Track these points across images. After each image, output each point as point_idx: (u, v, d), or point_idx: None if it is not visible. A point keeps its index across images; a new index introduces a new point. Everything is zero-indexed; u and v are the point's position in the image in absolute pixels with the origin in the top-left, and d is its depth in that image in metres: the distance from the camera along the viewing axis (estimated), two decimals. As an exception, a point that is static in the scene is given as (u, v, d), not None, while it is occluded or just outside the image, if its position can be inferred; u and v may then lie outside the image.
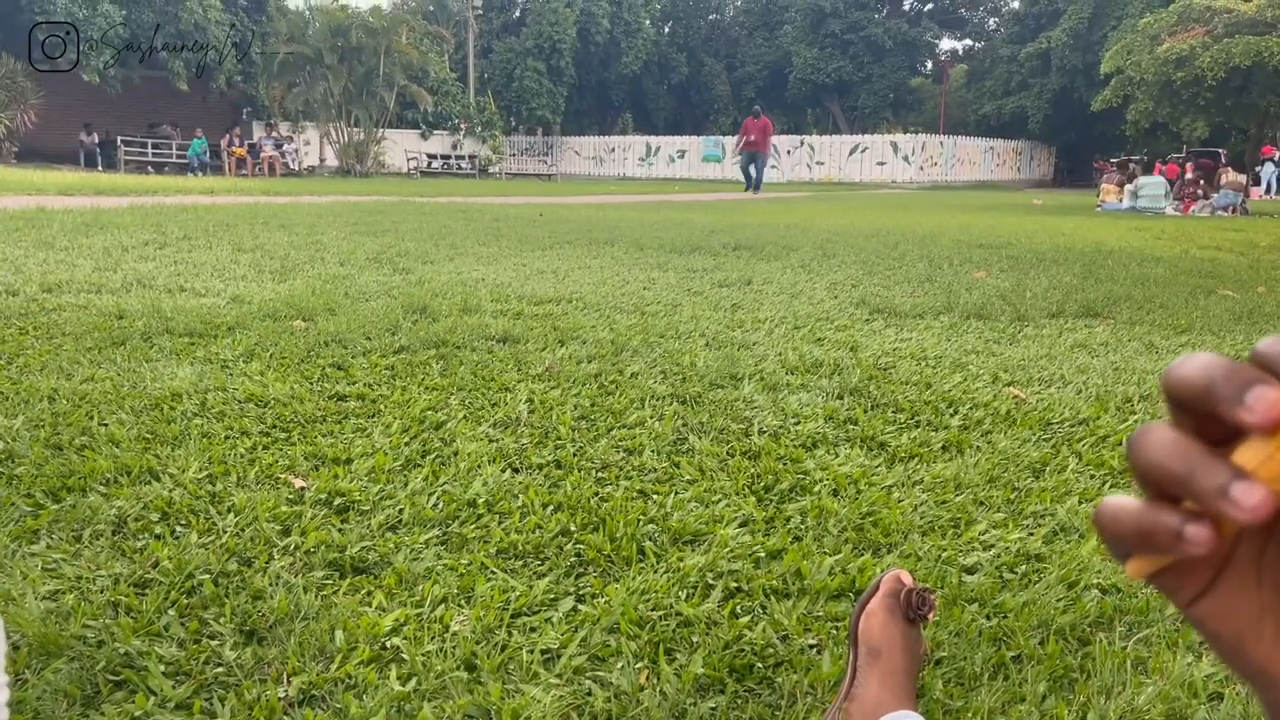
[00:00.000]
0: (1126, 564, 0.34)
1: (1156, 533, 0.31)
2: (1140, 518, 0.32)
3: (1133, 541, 0.32)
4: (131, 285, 4.04)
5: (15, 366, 2.62)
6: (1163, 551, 0.32)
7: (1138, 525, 0.32)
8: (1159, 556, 0.33)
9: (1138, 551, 0.33)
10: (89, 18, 24.49)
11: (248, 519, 1.66)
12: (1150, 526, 0.31)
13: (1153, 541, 0.31)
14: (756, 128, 19.15)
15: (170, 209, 8.67)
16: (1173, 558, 0.33)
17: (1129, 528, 0.32)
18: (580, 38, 42.46)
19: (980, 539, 1.70)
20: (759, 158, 19.77)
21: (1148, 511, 0.32)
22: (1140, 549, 0.33)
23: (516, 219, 9.12)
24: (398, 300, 3.79)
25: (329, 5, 28.27)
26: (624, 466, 2.01)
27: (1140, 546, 0.32)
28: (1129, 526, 0.32)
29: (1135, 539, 0.32)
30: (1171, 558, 0.33)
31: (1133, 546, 0.33)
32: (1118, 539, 0.33)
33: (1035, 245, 7.56)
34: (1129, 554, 0.34)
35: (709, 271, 5.23)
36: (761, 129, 19.13)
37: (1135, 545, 0.33)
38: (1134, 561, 0.34)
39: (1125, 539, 0.33)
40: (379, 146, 29.58)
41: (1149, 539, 0.31)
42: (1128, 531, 0.32)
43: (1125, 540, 0.33)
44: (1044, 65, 38.55)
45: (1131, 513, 0.32)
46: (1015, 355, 3.22)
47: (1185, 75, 19.54)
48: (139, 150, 26.37)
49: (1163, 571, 0.34)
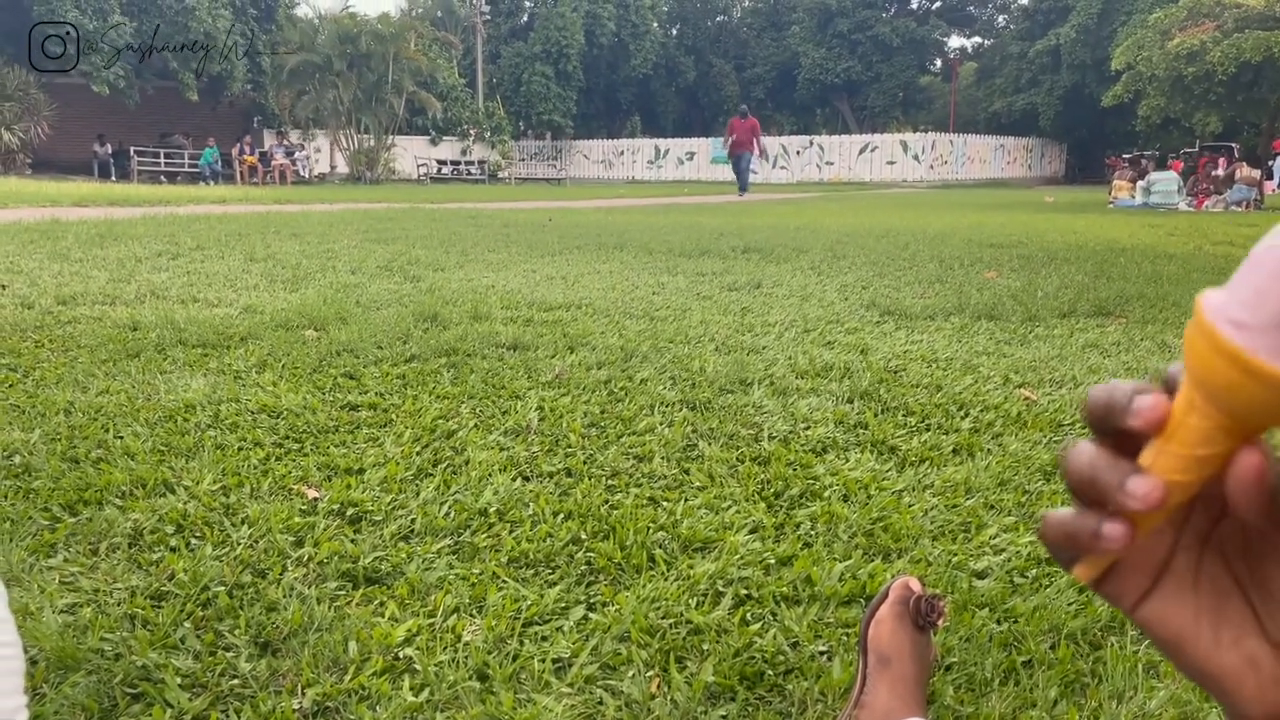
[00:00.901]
0: (1076, 570, 0.38)
1: (1080, 534, 0.35)
2: (1067, 523, 0.36)
3: (1065, 545, 0.36)
4: (145, 296, 4.08)
5: (31, 380, 2.65)
6: (1087, 550, 0.35)
7: (1065, 530, 0.36)
8: (1094, 559, 0.37)
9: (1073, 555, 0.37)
10: (100, 29, 24.67)
11: (261, 530, 1.68)
12: (1075, 529, 0.35)
13: (1079, 542, 0.35)
14: (743, 128, 18.51)
15: (183, 219, 8.73)
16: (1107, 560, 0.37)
17: (1060, 533, 0.36)
18: (588, 41, 42.54)
19: (991, 543, 1.70)
20: (744, 158, 19.00)
21: (1074, 518, 0.36)
22: (1073, 551, 0.36)
23: (526, 224, 9.14)
24: (408, 308, 3.81)
25: (338, 13, 28.40)
26: (634, 473, 2.02)
27: (1071, 548, 0.36)
28: (1060, 532, 0.36)
29: (1066, 542, 0.36)
30: (1107, 560, 0.37)
31: (1067, 550, 0.37)
32: (1056, 545, 0.37)
33: (1046, 244, 7.54)
34: (1071, 560, 0.37)
35: (718, 275, 5.23)
36: (749, 129, 18.49)
37: (1068, 548, 0.36)
38: (1079, 566, 0.37)
39: (1060, 544, 0.36)
40: (389, 153, 29.72)
41: (1076, 540, 0.35)
42: (1059, 537, 0.36)
43: (1060, 545, 0.37)
44: (1054, 62, 38.39)
45: (1061, 520, 0.36)
46: (1026, 356, 3.21)
47: (1196, 70, 19.46)
48: (152, 160, 26.55)
49: (1107, 578, 0.38)
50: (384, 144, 29.32)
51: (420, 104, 30.43)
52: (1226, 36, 19.16)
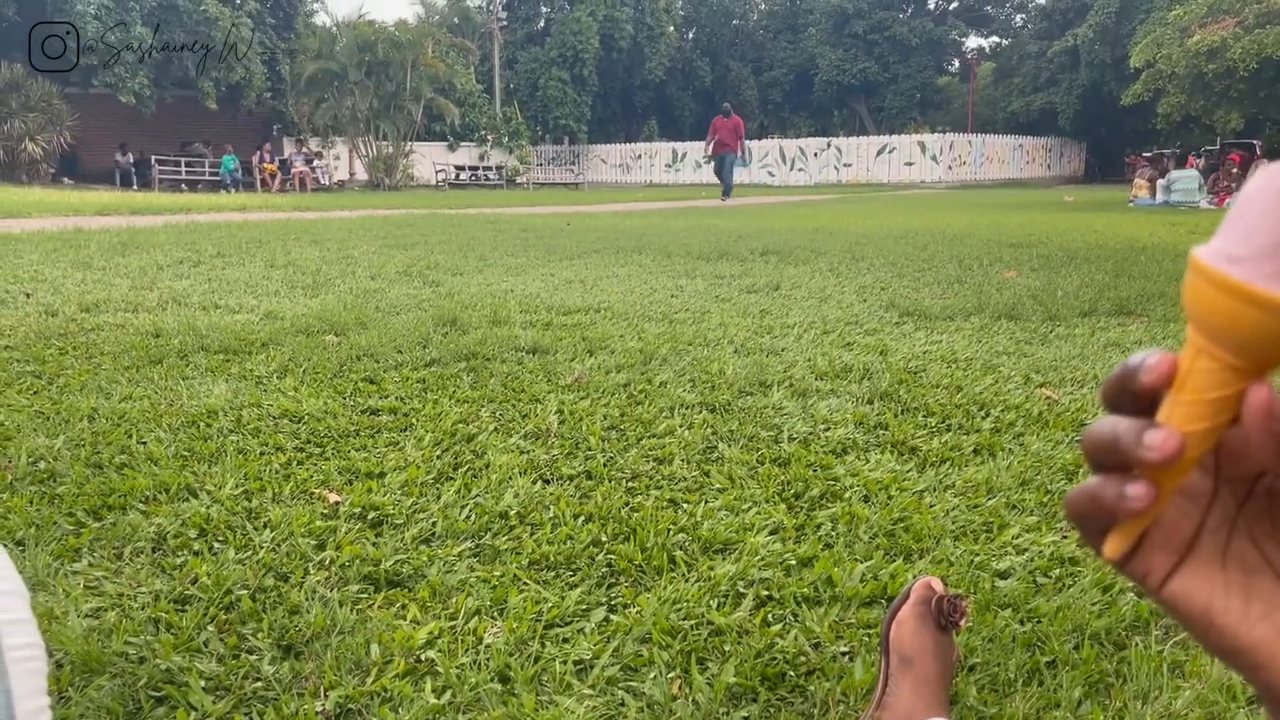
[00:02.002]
0: (1104, 548, 0.38)
1: (1104, 496, 0.36)
2: (1092, 488, 0.36)
3: (1091, 512, 0.37)
4: (167, 303, 4.11)
5: (56, 386, 2.67)
6: (1111, 512, 0.36)
7: (1090, 494, 0.36)
8: (1122, 529, 0.37)
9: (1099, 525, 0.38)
10: (122, 39, 24.91)
11: (284, 534, 1.69)
12: (1099, 493, 0.36)
13: (1103, 504, 0.36)
14: (727, 127, 17.79)
15: (204, 226, 8.80)
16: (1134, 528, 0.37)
17: (1085, 499, 0.37)
18: (604, 46, 42.60)
19: (1013, 543, 1.69)
20: (729, 159, 18.28)
21: (1098, 483, 0.36)
22: (1097, 519, 0.37)
23: (544, 229, 9.16)
24: (428, 313, 3.83)
25: (356, 20, 28.56)
26: (654, 476, 2.02)
27: (1097, 513, 0.37)
28: (1085, 498, 0.37)
29: (1092, 508, 0.37)
30: (1134, 529, 0.37)
31: (1093, 519, 0.37)
32: (1081, 515, 0.38)
33: (1066, 243, 7.49)
34: (1100, 534, 0.38)
35: (737, 278, 5.22)
36: (732, 129, 17.78)
37: (1094, 515, 0.37)
38: (1109, 540, 0.38)
39: (1086, 512, 0.37)
40: (407, 159, 29.84)
41: (1100, 503, 0.36)
42: (1085, 503, 0.37)
43: (1086, 515, 0.37)
44: (1072, 60, 38.13)
45: (1086, 487, 0.37)
46: (1047, 356, 3.19)
47: (1217, 67, 19.29)
48: (173, 169, 26.77)
49: (1134, 556, 0.38)
50: (402, 150, 29.45)
51: (438, 110, 30.55)
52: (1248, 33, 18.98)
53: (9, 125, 22.66)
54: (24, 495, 1.84)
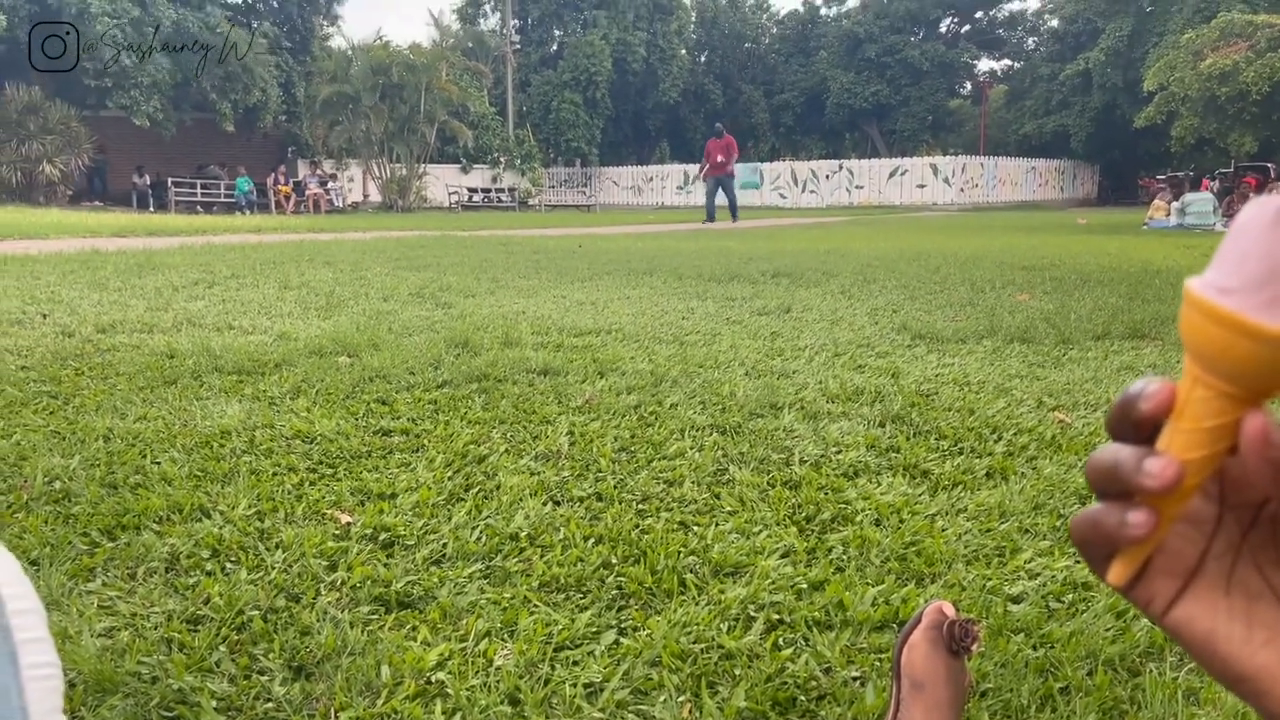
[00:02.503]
0: (1109, 573, 0.39)
1: (1106, 523, 0.36)
2: (1094, 514, 0.37)
3: (1094, 538, 0.38)
4: (182, 324, 4.14)
5: (71, 406, 2.69)
6: (1114, 538, 0.37)
7: (1092, 521, 0.37)
8: (1126, 555, 0.38)
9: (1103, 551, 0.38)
10: (139, 65, 25.25)
11: (295, 555, 1.69)
12: (1101, 519, 0.37)
13: (1105, 531, 0.37)
14: (720, 148, 17.36)
15: (219, 248, 8.87)
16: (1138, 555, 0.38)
17: (1088, 526, 0.38)
18: (616, 69, 42.90)
19: (1026, 568, 1.68)
20: (726, 181, 17.82)
21: (1100, 509, 0.37)
22: (1101, 545, 0.38)
23: (556, 251, 9.20)
24: (440, 334, 3.84)
25: (371, 44, 28.84)
26: (664, 498, 2.02)
27: (1099, 540, 0.37)
28: (1087, 524, 0.38)
29: (1095, 534, 0.37)
30: (1138, 555, 0.38)
31: (1097, 545, 0.38)
32: (1085, 541, 0.38)
33: (1080, 266, 7.47)
34: (1105, 560, 0.39)
35: (748, 300, 5.23)
36: (725, 149, 17.34)
37: (1096, 541, 0.38)
38: (1113, 567, 0.38)
39: (1089, 538, 0.38)
40: (420, 181, 30.06)
41: (1102, 530, 0.37)
42: (1088, 529, 0.38)
43: (1089, 541, 0.38)
44: (1085, 83, 38.19)
45: (1088, 513, 0.38)
46: (1060, 379, 3.18)
47: (1230, 90, 19.28)
48: (189, 191, 27.03)
49: (1139, 582, 0.39)
50: (416, 173, 29.66)
51: (451, 133, 30.80)
52: (1260, 56, 18.98)
53: (27, 147, 22.93)
54: (39, 515, 1.85)
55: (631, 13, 43.72)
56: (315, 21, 32.68)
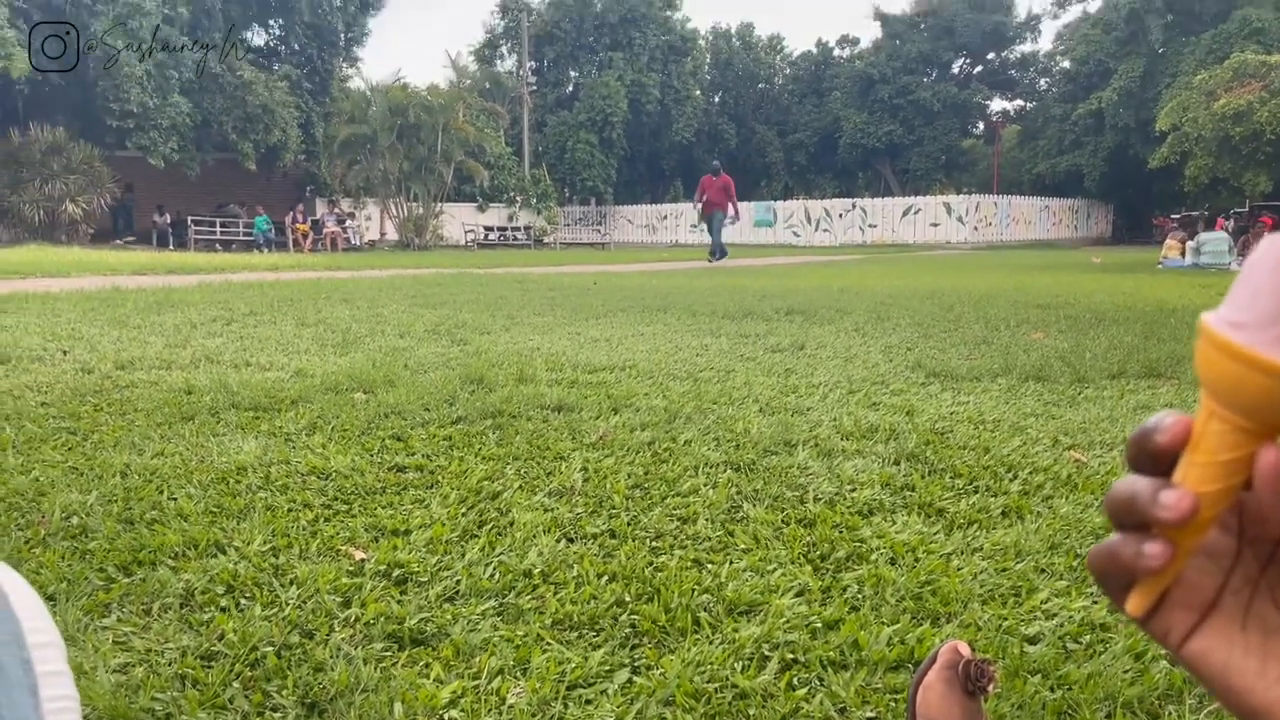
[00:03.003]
0: (1126, 604, 0.39)
1: (1123, 554, 0.37)
2: (1111, 545, 0.38)
3: (1111, 569, 0.38)
4: (200, 361, 4.17)
5: (90, 443, 2.71)
6: (1130, 569, 0.37)
7: (1110, 551, 0.38)
8: (1143, 587, 0.38)
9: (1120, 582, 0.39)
10: (159, 107, 25.70)
11: (309, 591, 1.69)
12: (1118, 550, 0.37)
13: (1122, 562, 0.37)
14: (715, 186, 17.06)
15: (237, 286, 8.95)
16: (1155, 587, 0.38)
17: (1105, 557, 0.38)
18: (631, 109, 43.35)
19: (1043, 608, 1.67)
20: (717, 218, 17.37)
21: (1117, 541, 0.38)
22: (1118, 576, 0.38)
23: (571, 288, 9.24)
24: (455, 371, 3.86)
25: (389, 85, 29.24)
26: (678, 535, 2.02)
27: (1116, 571, 0.38)
28: (1105, 555, 0.38)
29: (1112, 565, 0.38)
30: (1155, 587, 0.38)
31: (1114, 576, 0.39)
32: (1102, 572, 0.39)
33: (1094, 304, 7.46)
34: (1122, 591, 0.39)
35: (762, 337, 5.24)
36: (721, 188, 17.03)
37: (1113, 572, 0.38)
38: (1131, 598, 0.39)
39: (1106, 569, 0.38)
40: (437, 220, 30.30)
41: (1119, 561, 0.37)
42: (1105, 560, 0.38)
43: (1106, 572, 0.39)
44: (1097, 123, 38.33)
45: (1106, 544, 0.38)
46: (1075, 418, 3.17)
47: (1244, 131, 19.32)
48: (208, 229, 27.35)
49: (1156, 614, 0.39)
50: (432, 211, 29.92)
51: (468, 172, 31.09)
52: (1274, 96, 19.03)
53: (50, 187, 23.26)
54: (56, 550, 1.86)
55: (646, 55, 44.28)
56: (335, 64, 33.18)
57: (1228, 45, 30.92)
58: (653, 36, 44.55)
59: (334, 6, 32.59)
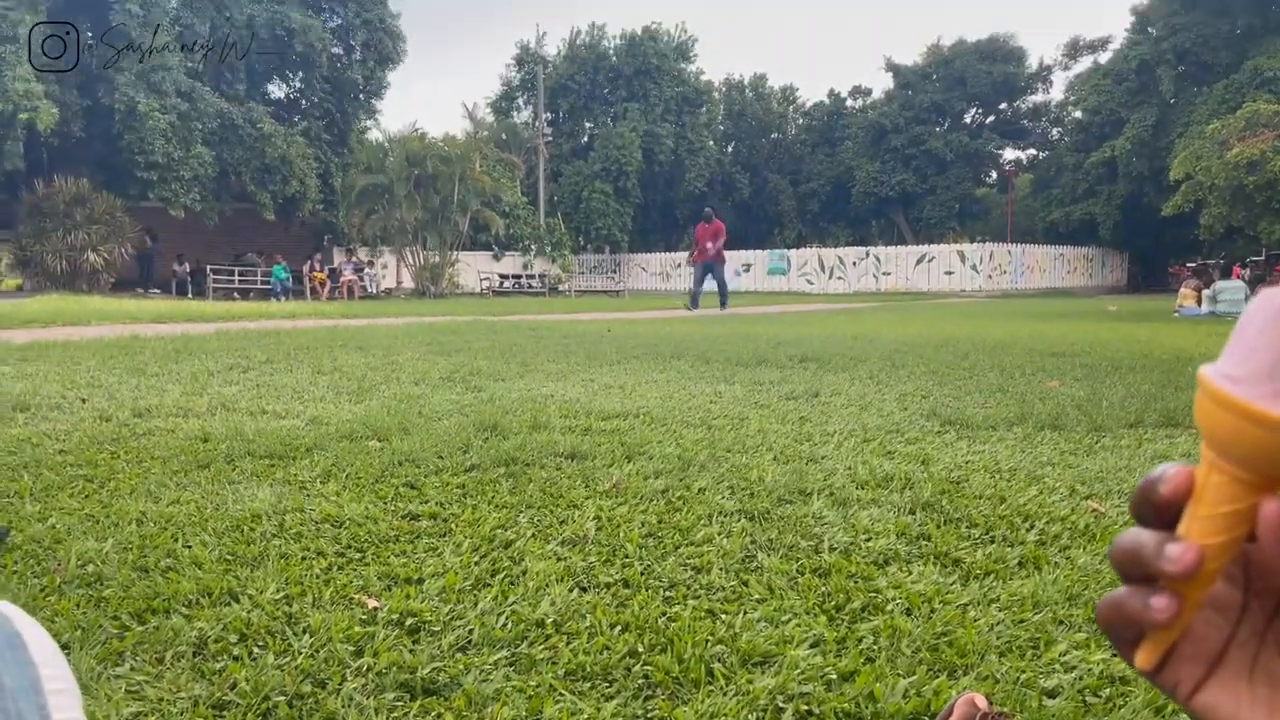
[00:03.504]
0: (1135, 658, 0.40)
1: (1130, 607, 0.37)
2: (1119, 598, 0.38)
3: (1119, 622, 0.39)
4: (216, 409, 4.20)
5: (106, 490, 2.73)
6: (1137, 623, 0.38)
7: (1117, 605, 0.38)
8: (1152, 640, 0.39)
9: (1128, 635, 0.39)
10: (183, 158, 26.18)
11: (322, 640, 1.69)
12: (1125, 603, 0.38)
13: (1129, 615, 0.38)
14: (709, 234, 16.83)
15: (254, 334, 9.03)
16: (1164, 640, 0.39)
17: (1112, 610, 0.39)
18: (646, 159, 43.83)
19: (1061, 660, 1.65)
20: (716, 269, 17.12)
21: (1124, 594, 0.38)
22: (1125, 628, 0.39)
23: (585, 335, 9.28)
24: (469, 418, 3.87)
25: (407, 135, 29.68)
26: (692, 585, 2.00)
27: (1124, 624, 0.38)
28: (1112, 609, 0.39)
29: (1119, 619, 0.38)
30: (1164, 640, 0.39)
31: (1121, 629, 0.39)
32: (1110, 625, 0.39)
33: (1110, 353, 7.43)
34: (1130, 643, 0.39)
35: (776, 384, 5.23)
36: (714, 234, 16.79)
37: (1121, 625, 0.39)
38: (1139, 652, 0.39)
39: (1114, 622, 0.39)
40: (453, 268, 30.58)
41: (1126, 614, 0.38)
42: (1112, 613, 0.39)
43: (1114, 624, 0.39)
44: (1110, 172, 38.48)
45: (1113, 597, 0.39)
46: (1093, 467, 3.14)
47: (1258, 179, 19.36)
48: (226, 278, 27.66)
49: (1164, 667, 0.40)
50: (448, 260, 30.20)
51: (484, 221, 31.43)
52: (1287, 145, 19.10)
53: (73, 237, 23.60)
54: (71, 598, 1.87)
55: (661, 106, 44.86)
56: (354, 116, 33.74)
57: (1239, 95, 31.08)
58: (667, 88, 45.17)
59: (353, 60, 33.23)
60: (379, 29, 32.94)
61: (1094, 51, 43.53)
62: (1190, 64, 36.14)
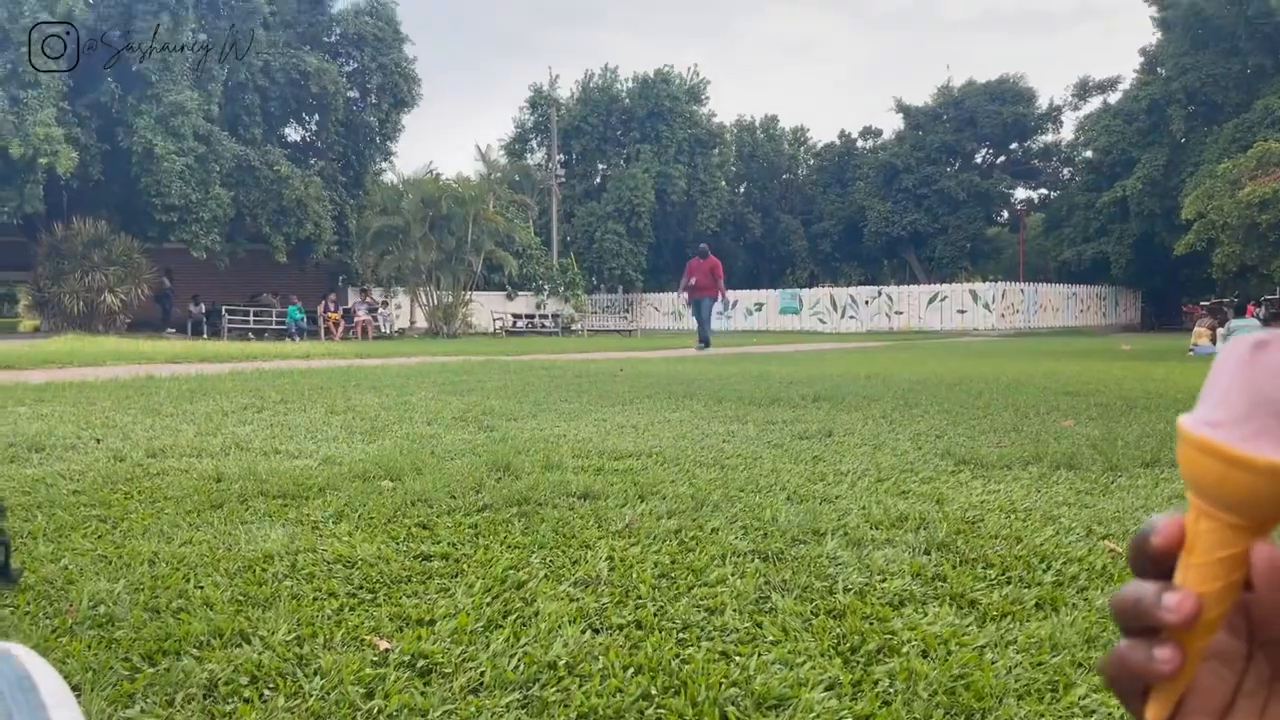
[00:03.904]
0: (1146, 713, 0.39)
1: (1133, 660, 0.37)
2: (1121, 654, 0.38)
3: (1123, 676, 0.38)
4: (230, 449, 4.21)
5: (120, 530, 2.73)
6: (1141, 675, 0.37)
7: (1120, 659, 0.38)
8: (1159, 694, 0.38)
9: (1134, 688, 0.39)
10: (202, 200, 26.50)
11: (333, 682, 1.68)
12: (1128, 657, 0.38)
13: (1133, 668, 0.38)
14: (702, 269, 16.64)
15: (268, 374, 9.07)
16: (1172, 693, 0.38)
17: (1117, 665, 0.39)
18: (658, 199, 44.14)
19: (1080, 704, 1.62)
20: (705, 304, 16.79)
21: (1127, 648, 0.38)
22: (1130, 682, 0.39)
23: (598, 375, 9.28)
24: (482, 458, 3.87)
25: (422, 177, 29.99)
26: (705, 626, 1.99)
27: (1128, 678, 0.38)
28: (1116, 663, 0.39)
29: (1124, 673, 0.38)
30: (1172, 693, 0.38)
31: (1126, 683, 0.39)
32: (1115, 679, 0.39)
33: (1125, 392, 7.39)
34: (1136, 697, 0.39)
35: (789, 423, 5.22)
36: (709, 270, 16.57)
37: (1126, 679, 0.38)
38: (1149, 707, 0.39)
39: (1118, 676, 0.39)
40: (466, 308, 30.73)
41: (1130, 667, 0.38)
42: (1117, 668, 0.39)
43: (1119, 679, 0.39)
44: (1122, 211, 38.52)
45: (1116, 652, 0.39)
46: (1109, 507, 3.12)
47: (1270, 218, 19.38)
48: (242, 318, 27.87)
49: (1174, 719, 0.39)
50: (462, 300, 30.36)
51: (497, 262, 31.64)
52: (1299, 183, 19.11)
53: (90, 278, 23.86)
54: (83, 639, 1.86)
55: (673, 147, 45.24)
56: (369, 157, 34.15)
57: (1250, 134, 31.15)
58: (679, 130, 45.58)
59: (369, 104, 33.70)
60: (394, 72, 33.43)
61: (1103, 92, 43.81)
62: (1200, 104, 36.29)
